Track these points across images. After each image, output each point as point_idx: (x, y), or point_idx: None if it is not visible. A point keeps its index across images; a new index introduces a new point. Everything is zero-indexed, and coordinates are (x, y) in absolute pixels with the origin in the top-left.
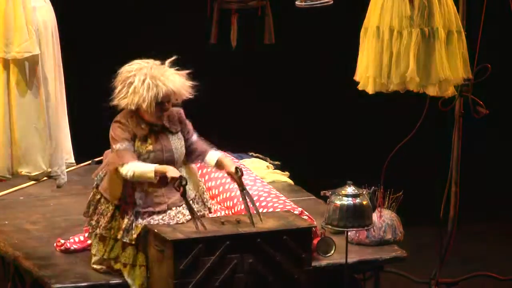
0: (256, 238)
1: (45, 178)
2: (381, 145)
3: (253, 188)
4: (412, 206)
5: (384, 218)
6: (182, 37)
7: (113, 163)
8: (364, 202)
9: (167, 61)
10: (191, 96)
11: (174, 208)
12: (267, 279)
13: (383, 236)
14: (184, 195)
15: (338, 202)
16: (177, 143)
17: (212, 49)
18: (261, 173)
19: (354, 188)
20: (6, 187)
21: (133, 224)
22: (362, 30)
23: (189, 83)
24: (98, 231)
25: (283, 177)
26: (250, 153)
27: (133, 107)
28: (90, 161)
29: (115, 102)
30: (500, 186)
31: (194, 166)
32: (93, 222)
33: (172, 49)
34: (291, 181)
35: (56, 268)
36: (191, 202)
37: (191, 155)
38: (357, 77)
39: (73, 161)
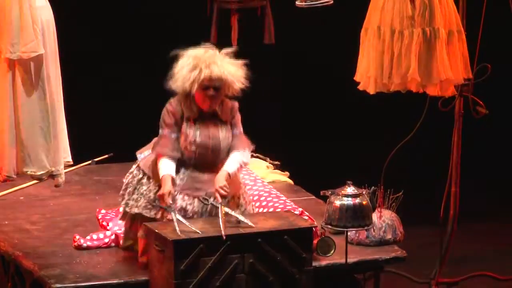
0: (256, 238)
1: (47, 177)
2: (381, 145)
3: (253, 188)
4: (412, 206)
5: (384, 218)
6: (182, 37)
7: (153, 147)
8: (364, 202)
9: (224, 50)
10: (243, 87)
11: (211, 198)
12: (267, 279)
13: (383, 236)
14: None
15: (338, 202)
16: (225, 133)
17: None
18: (261, 173)
19: (354, 188)
20: (6, 187)
21: (172, 207)
22: (363, 30)
23: (243, 74)
24: (136, 210)
25: (283, 177)
26: (250, 153)
27: (180, 90)
28: (90, 161)
29: (170, 84)
30: (500, 186)
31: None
32: (131, 202)
33: (171, 49)
34: (291, 181)
35: (56, 268)
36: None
37: None
38: (357, 78)
39: (70, 160)
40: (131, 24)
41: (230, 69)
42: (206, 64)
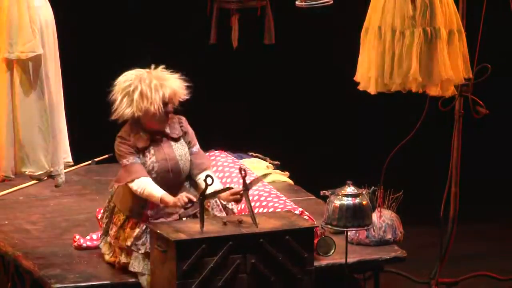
0: (258, 238)
1: (46, 177)
2: (381, 145)
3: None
4: (412, 206)
5: (384, 218)
6: (182, 37)
7: (123, 178)
8: (364, 202)
9: (160, 67)
10: (187, 97)
11: (185, 219)
12: (269, 279)
13: (383, 236)
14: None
15: (337, 202)
16: (180, 150)
17: (212, 49)
18: (261, 173)
19: (354, 188)
20: (6, 187)
21: (144, 234)
22: (363, 31)
23: (184, 84)
24: (108, 239)
25: (283, 177)
26: (250, 153)
27: (140, 113)
28: (90, 161)
29: (116, 114)
30: (500, 186)
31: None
32: (111, 232)
33: (172, 50)
34: (291, 181)
35: (56, 268)
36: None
37: None
38: (357, 78)
39: (71, 160)
40: (131, 24)
41: (178, 81)
42: (165, 81)
